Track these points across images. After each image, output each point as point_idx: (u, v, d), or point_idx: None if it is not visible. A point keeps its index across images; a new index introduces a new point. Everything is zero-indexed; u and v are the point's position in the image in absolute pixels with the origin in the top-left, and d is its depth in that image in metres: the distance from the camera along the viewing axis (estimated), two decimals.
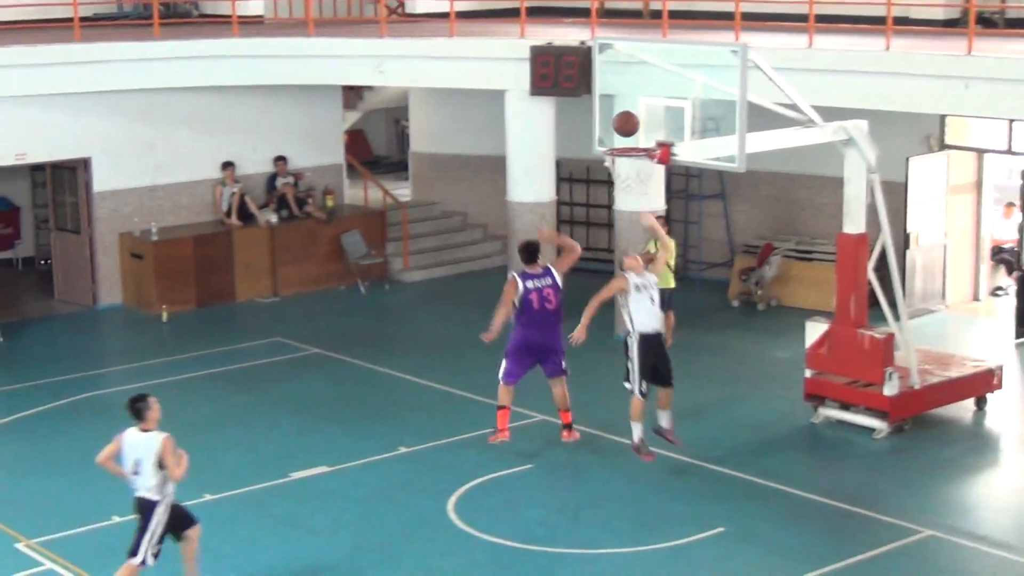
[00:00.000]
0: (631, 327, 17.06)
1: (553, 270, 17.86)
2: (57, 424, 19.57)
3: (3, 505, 16.63)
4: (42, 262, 28.66)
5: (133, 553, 13.70)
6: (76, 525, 16.01)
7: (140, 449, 13.82)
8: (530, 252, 17.91)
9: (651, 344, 17.06)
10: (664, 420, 17.41)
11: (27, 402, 20.46)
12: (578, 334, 17.11)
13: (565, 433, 18.05)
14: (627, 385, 17.06)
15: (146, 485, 13.72)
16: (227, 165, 26.49)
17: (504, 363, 17.93)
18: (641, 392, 16.98)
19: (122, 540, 15.43)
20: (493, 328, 17.81)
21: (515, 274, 18.00)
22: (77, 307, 25.97)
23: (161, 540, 13.70)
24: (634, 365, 16.98)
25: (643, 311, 17.00)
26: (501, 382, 17.92)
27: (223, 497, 16.76)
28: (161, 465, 13.67)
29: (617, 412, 18.49)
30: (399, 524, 15.90)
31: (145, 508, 13.73)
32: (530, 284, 17.68)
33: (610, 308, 22.99)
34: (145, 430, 13.94)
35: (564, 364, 17.94)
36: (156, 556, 13.68)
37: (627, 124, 16.90)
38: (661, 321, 17.30)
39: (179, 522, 13.92)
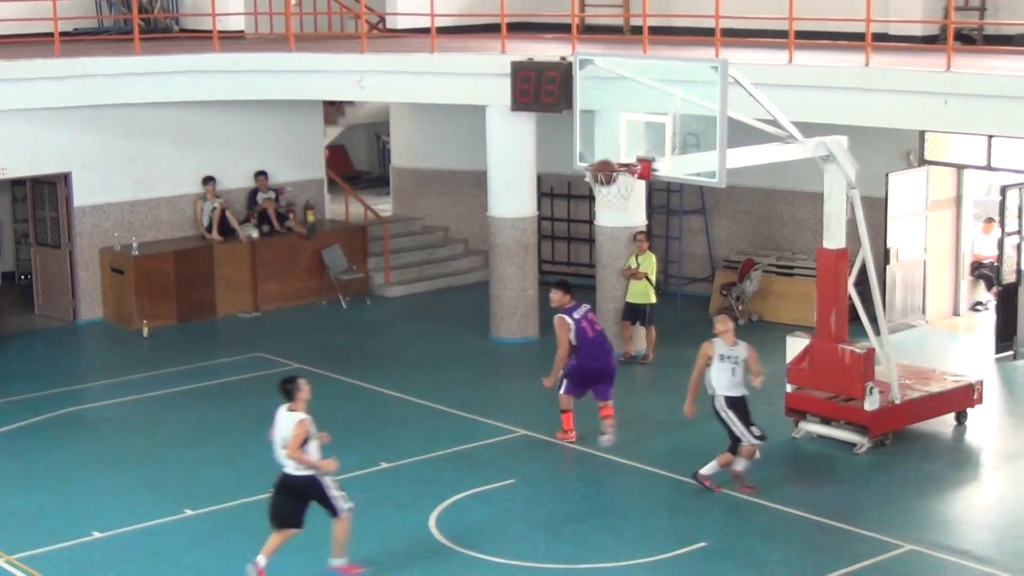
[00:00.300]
0: (713, 390, 17.21)
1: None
2: (37, 440, 19.52)
3: None
4: (22, 277, 28.58)
5: (334, 513, 14.83)
6: (56, 541, 15.96)
7: (284, 427, 14.79)
8: (567, 288, 18.89)
9: (736, 403, 17.15)
10: (740, 465, 17.42)
11: (7, 417, 20.40)
12: (688, 409, 17.52)
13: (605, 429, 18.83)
14: (744, 441, 17.08)
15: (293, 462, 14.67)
16: (208, 180, 26.46)
17: (565, 382, 18.68)
18: (757, 437, 17.07)
19: (103, 556, 15.46)
20: (555, 372, 18.63)
21: (560, 315, 18.64)
22: (57, 322, 25.92)
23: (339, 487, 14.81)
24: (735, 422, 17.05)
25: (723, 381, 17.12)
26: (563, 392, 18.73)
27: (204, 512, 16.74)
28: (306, 442, 14.58)
29: (598, 429, 18.54)
30: (381, 539, 15.88)
31: (300, 483, 14.70)
32: (576, 315, 18.55)
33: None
34: (292, 410, 14.85)
35: (612, 390, 18.74)
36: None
37: (604, 168, 16.92)
38: (743, 387, 17.26)
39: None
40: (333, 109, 30.94)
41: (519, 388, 21.61)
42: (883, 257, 23.52)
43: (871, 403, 18.39)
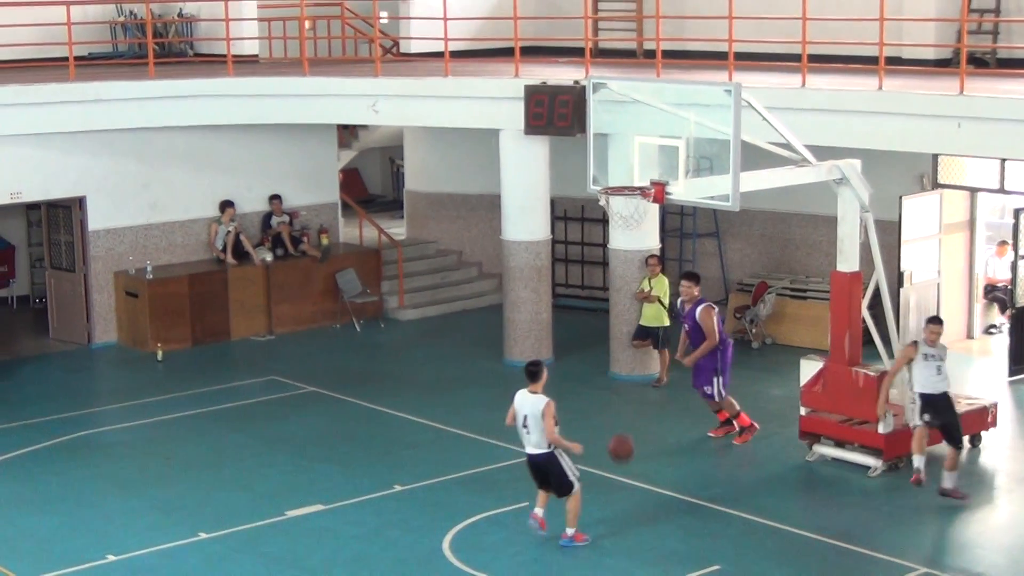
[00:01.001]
0: (912, 389, 17.71)
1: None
2: (52, 463, 19.55)
3: None
4: (37, 301, 28.67)
5: (568, 488, 16.05)
6: (71, 564, 15.98)
7: (528, 407, 15.98)
8: (697, 279, 20.22)
9: (934, 402, 17.53)
10: (948, 481, 17.53)
11: (21, 441, 20.44)
12: (880, 412, 18.22)
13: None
14: (913, 424, 17.76)
15: (534, 440, 15.94)
16: (227, 205, 26.51)
17: (722, 379, 19.72)
18: (924, 420, 17.57)
19: None
20: (697, 356, 19.81)
21: (707, 304, 19.89)
22: (72, 345, 25.97)
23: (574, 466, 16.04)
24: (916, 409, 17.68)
25: (925, 377, 17.60)
26: (727, 395, 19.84)
27: (218, 535, 16.75)
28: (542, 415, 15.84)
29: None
30: (395, 562, 15.89)
31: (541, 462, 16.04)
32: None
33: (603, 349, 23.08)
34: (534, 391, 15.99)
35: None
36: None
37: (621, 448, 16.62)
38: (945, 385, 17.76)
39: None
40: (347, 133, 31.05)
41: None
42: (897, 280, 23.50)
43: (885, 426, 18.38)
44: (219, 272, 26.21)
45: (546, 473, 16.13)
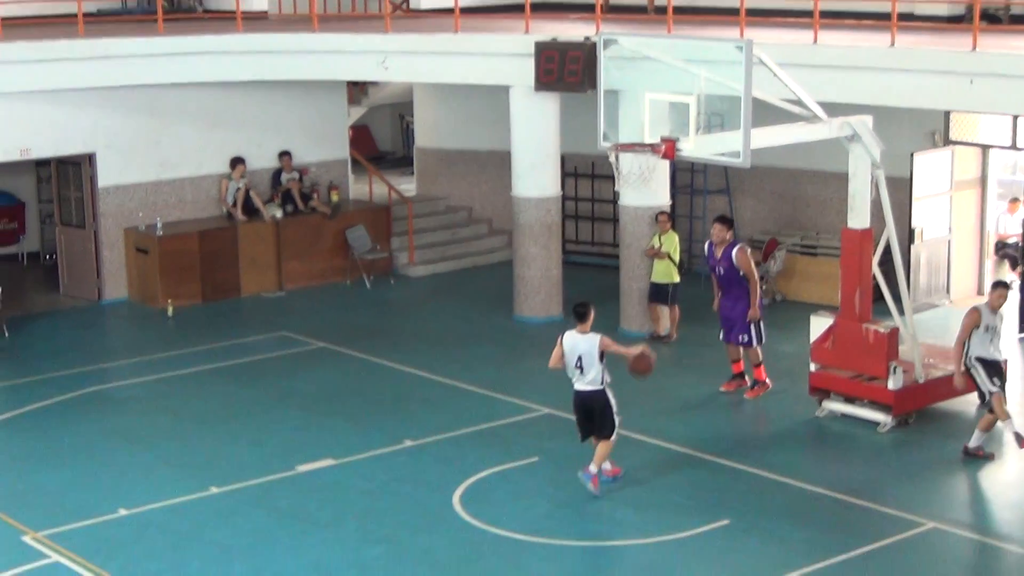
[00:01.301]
0: (968, 354, 17.66)
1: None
2: (63, 418, 19.62)
3: (9, 498, 16.67)
4: (47, 257, 28.72)
5: (611, 429, 16.38)
6: (82, 518, 16.04)
7: (583, 347, 16.24)
8: (730, 223, 20.14)
9: (997, 367, 17.68)
10: (976, 440, 17.64)
11: (32, 396, 20.51)
12: (957, 381, 17.96)
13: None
14: (988, 393, 17.57)
15: (589, 378, 16.28)
16: (237, 162, 26.52)
17: (759, 326, 19.74)
18: (996, 385, 17.58)
19: (129, 533, 15.57)
20: (757, 302, 19.71)
21: (742, 244, 19.95)
22: (82, 301, 26.02)
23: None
24: (982, 376, 17.53)
25: (985, 342, 17.65)
26: (758, 345, 19.84)
27: (229, 490, 16.82)
28: (601, 358, 16.17)
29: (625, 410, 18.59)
30: (405, 517, 15.95)
31: (594, 398, 16.36)
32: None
33: (614, 306, 23.09)
34: (583, 332, 16.27)
35: None
36: None
37: (640, 363, 16.80)
38: (999, 352, 17.95)
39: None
40: (357, 89, 31.01)
41: (543, 367, 21.56)
42: (908, 237, 23.49)
43: (895, 382, 18.39)
44: (229, 228, 26.23)
45: (592, 411, 16.42)
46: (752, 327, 19.67)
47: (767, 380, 19.98)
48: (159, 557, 14.97)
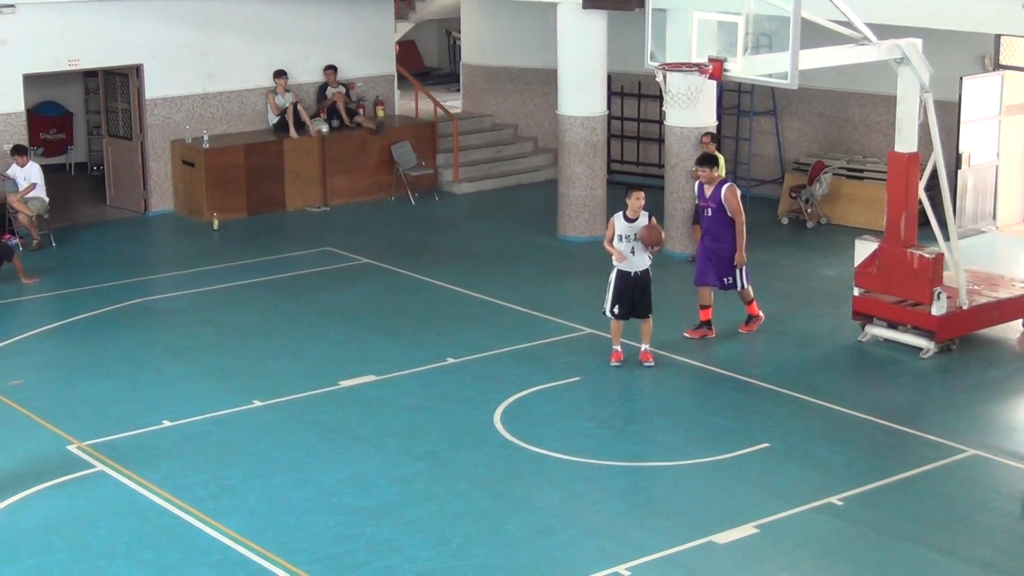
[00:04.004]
0: None
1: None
2: (108, 329, 19.75)
3: (55, 408, 16.82)
4: (94, 168, 28.84)
5: (651, 307, 17.91)
6: (127, 428, 16.18)
7: (630, 230, 17.53)
8: (714, 162, 19.51)
9: None
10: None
11: (79, 306, 20.65)
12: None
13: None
14: None
15: (641, 258, 17.62)
16: (280, 74, 26.52)
17: (743, 269, 19.16)
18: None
19: (172, 444, 15.71)
20: (743, 245, 19.08)
21: (731, 183, 19.23)
22: (129, 213, 26.14)
23: None
24: None
25: None
26: (748, 284, 19.36)
27: (272, 403, 16.92)
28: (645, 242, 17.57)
29: (666, 332, 18.60)
30: (446, 434, 16.02)
31: (644, 278, 17.77)
32: None
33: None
34: (633, 217, 17.59)
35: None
36: None
37: (651, 235, 17.64)
38: None
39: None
40: (404, 4, 30.93)
41: (586, 287, 21.67)
42: (955, 162, 23.35)
43: (938, 308, 18.33)
44: (275, 143, 26.26)
45: (643, 290, 17.73)
46: (737, 270, 19.04)
47: (760, 313, 19.58)
48: (202, 468, 15.09)
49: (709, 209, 19.04)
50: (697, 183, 19.39)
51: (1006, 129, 24.19)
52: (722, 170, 22.39)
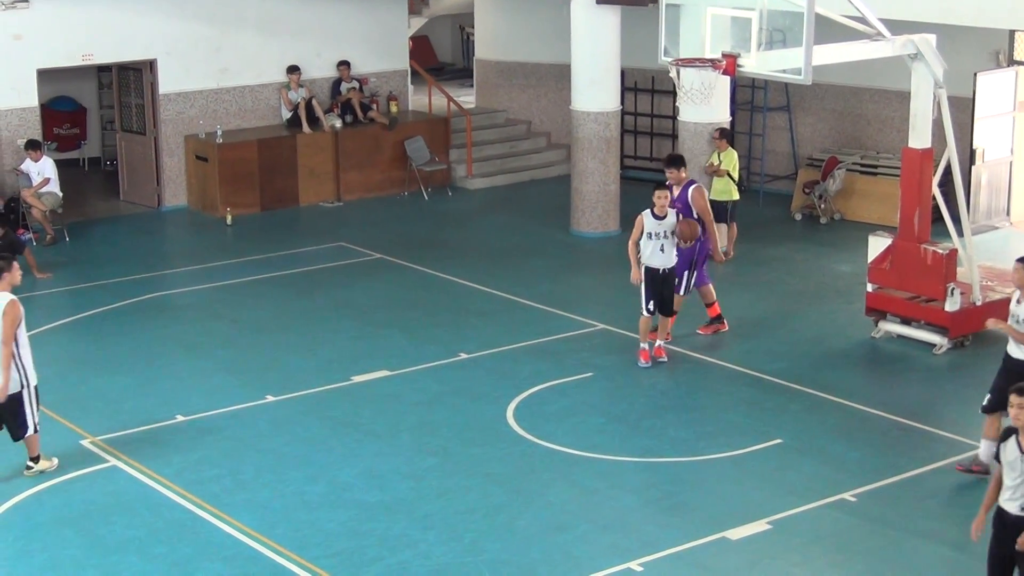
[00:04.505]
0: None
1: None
2: (121, 324, 19.78)
3: (68, 402, 16.83)
4: (108, 163, 28.88)
5: (671, 310, 17.98)
6: (140, 423, 16.21)
7: (667, 224, 17.48)
8: (682, 163, 18.75)
9: None
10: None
11: (92, 301, 20.68)
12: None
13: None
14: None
15: (668, 255, 17.55)
16: (293, 69, 26.54)
17: (697, 272, 18.70)
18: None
19: (185, 439, 15.73)
20: (717, 244, 18.81)
21: (698, 185, 18.64)
22: (142, 208, 26.17)
23: None
24: None
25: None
26: (694, 289, 18.86)
27: (285, 399, 16.94)
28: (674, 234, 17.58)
29: (678, 327, 18.58)
30: (458, 429, 16.03)
31: (672, 273, 17.75)
32: None
33: None
34: (661, 215, 17.48)
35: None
36: None
37: (688, 229, 17.50)
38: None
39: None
40: (417, 0, 30.87)
41: (599, 282, 21.67)
42: (969, 157, 23.31)
43: (952, 304, 18.31)
44: (288, 138, 26.28)
45: (663, 284, 17.61)
46: (685, 274, 18.36)
47: (723, 325, 19.11)
48: (215, 463, 15.11)
49: (676, 210, 18.42)
50: (666, 183, 18.56)
51: (1020, 125, 24.14)
52: (734, 167, 22.39)
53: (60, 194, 23.88)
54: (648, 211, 17.55)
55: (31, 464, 14.89)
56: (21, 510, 14.06)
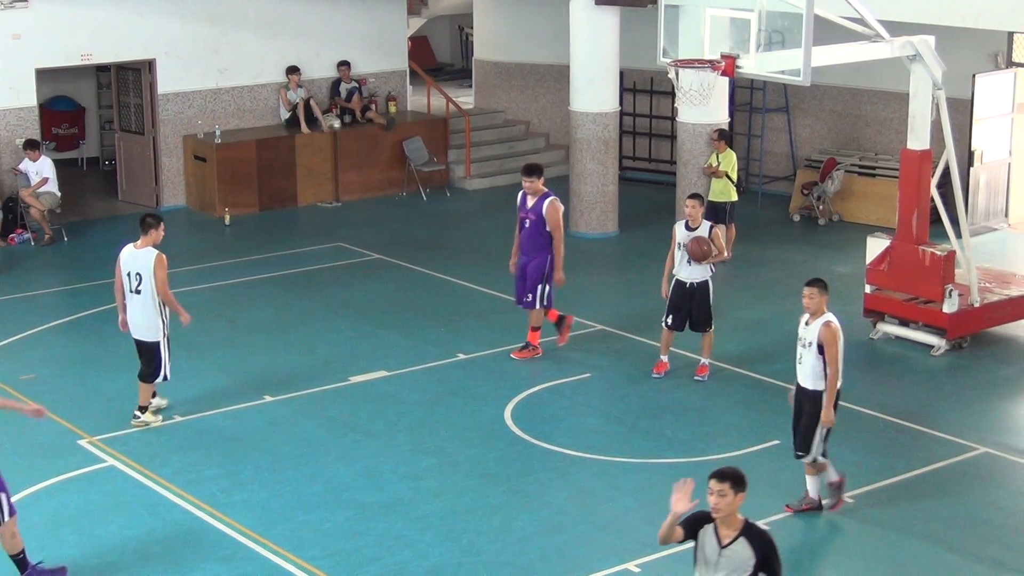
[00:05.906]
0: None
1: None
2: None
3: (66, 402, 16.82)
4: (106, 163, 28.88)
5: (711, 320, 17.47)
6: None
7: (689, 239, 17.02)
8: (540, 172, 18.03)
9: None
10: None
11: (90, 301, 20.66)
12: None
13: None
14: None
15: (703, 268, 17.18)
16: (293, 70, 26.53)
17: (549, 285, 18.13)
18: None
19: (183, 439, 15.73)
20: (560, 264, 18.18)
21: (554, 198, 18.00)
22: (140, 208, 26.08)
23: None
24: None
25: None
26: (540, 308, 18.20)
27: (283, 399, 16.94)
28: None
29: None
30: (457, 429, 16.03)
31: (703, 287, 17.25)
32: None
33: (669, 223, 23.03)
34: (694, 226, 17.06)
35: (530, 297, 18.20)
36: None
37: (699, 247, 17.05)
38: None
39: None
40: (417, 0, 30.87)
41: (597, 283, 21.67)
42: (967, 159, 23.31)
43: (950, 306, 18.31)
44: (287, 138, 26.28)
45: (692, 299, 17.24)
46: (539, 287, 17.96)
47: (538, 347, 18.30)
48: (212, 463, 15.11)
49: (528, 221, 17.98)
50: (520, 193, 18.21)
51: (1019, 126, 24.15)
52: (733, 168, 22.37)
53: (58, 194, 23.88)
54: (682, 222, 17.33)
55: (137, 413, 15.98)
56: (18, 510, 14.02)
